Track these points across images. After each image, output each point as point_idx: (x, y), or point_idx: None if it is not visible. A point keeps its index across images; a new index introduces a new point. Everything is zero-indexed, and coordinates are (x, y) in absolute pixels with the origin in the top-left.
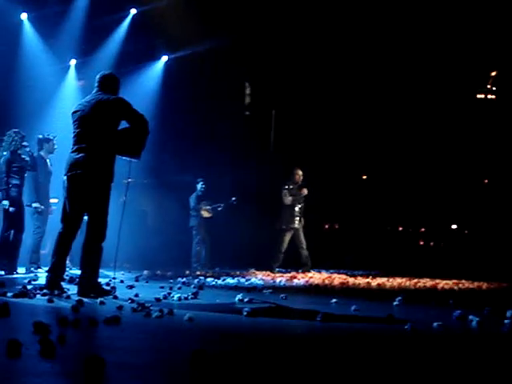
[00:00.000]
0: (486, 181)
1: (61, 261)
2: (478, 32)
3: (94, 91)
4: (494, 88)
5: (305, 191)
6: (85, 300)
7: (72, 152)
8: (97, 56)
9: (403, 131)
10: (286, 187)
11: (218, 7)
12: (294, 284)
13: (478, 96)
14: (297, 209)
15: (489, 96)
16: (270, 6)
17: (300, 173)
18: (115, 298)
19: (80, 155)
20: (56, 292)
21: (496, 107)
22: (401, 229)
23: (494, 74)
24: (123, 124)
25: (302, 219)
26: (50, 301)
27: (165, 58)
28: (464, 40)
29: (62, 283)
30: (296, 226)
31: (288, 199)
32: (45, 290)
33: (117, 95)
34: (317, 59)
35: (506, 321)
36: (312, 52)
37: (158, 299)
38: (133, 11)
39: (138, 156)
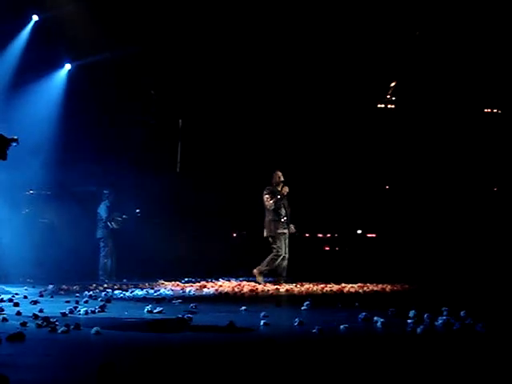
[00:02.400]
0: (388, 187)
1: None
2: (379, 43)
3: None
4: (393, 98)
5: (286, 189)
6: None
7: None
8: None
9: (310, 139)
10: (267, 190)
11: (123, 15)
12: (203, 293)
13: (379, 105)
14: (282, 213)
15: (389, 106)
16: (176, 14)
17: (279, 173)
18: (18, 314)
19: None
20: None
21: (395, 116)
22: (307, 235)
23: (393, 84)
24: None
25: (292, 225)
26: None
27: (68, 67)
28: (365, 51)
29: None
30: (285, 231)
31: (270, 203)
32: None
33: None
34: (222, 67)
35: (409, 321)
36: (217, 60)
37: (63, 314)
38: (34, 18)
39: (3, 157)
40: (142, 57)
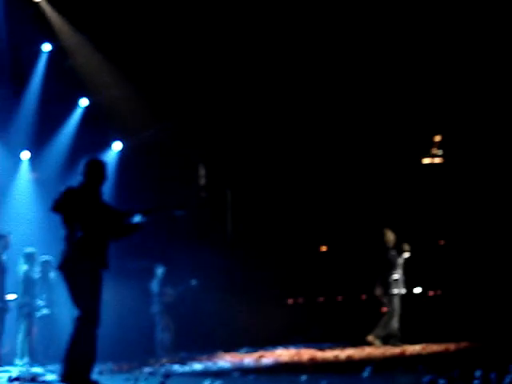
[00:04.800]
0: (443, 242)
1: None
2: (421, 99)
3: None
4: (440, 152)
5: (407, 248)
6: None
7: None
8: (50, 147)
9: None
10: (384, 250)
11: (166, 91)
12: (262, 364)
13: (425, 161)
14: (397, 272)
15: (436, 160)
16: (219, 87)
17: (392, 234)
18: None
19: None
20: None
21: (444, 170)
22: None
23: (438, 138)
24: None
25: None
26: None
27: (118, 146)
28: (407, 107)
29: None
30: (397, 290)
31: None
32: None
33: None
34: (267, 136)
35: (475, 382)
36: (263, 128)
37: None
38: (84, 102)
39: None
40: (188, 130)
